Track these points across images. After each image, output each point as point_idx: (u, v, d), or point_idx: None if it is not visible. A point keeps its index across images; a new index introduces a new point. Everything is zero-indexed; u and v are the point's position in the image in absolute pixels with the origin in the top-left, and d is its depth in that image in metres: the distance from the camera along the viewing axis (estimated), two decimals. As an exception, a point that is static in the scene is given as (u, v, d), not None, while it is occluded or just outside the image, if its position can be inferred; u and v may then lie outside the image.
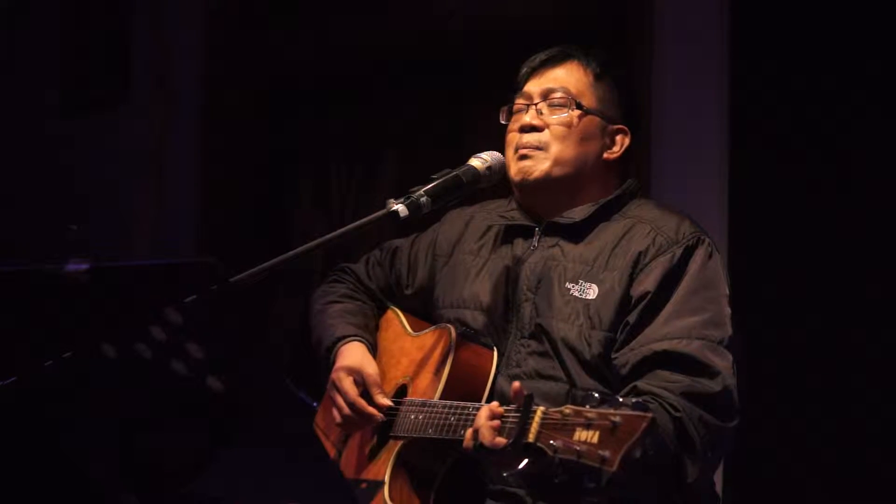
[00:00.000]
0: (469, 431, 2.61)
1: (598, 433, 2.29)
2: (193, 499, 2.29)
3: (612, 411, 2.30)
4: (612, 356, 2.78)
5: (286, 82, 5.20)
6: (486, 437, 2.54)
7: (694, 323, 2.76)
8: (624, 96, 3.00)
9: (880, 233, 3.80)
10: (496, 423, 2.54)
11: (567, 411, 2.35)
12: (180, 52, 5.27)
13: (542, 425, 2.38)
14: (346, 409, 2.91)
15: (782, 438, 3.84)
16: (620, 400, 2.31)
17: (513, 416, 2.50)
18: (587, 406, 2.33)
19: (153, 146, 5.27)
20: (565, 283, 2.85)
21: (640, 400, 2.32)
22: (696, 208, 3.81)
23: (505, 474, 2.50)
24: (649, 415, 2.28)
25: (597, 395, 2.34)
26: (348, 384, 2.93)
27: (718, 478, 3.09)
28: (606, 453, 2.26)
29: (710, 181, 4.05)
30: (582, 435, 2.30)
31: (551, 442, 2.34)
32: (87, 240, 4.81)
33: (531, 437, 2.37)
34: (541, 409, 2.40)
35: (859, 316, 3.80)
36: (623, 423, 2.27)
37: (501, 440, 2.51)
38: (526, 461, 2.40)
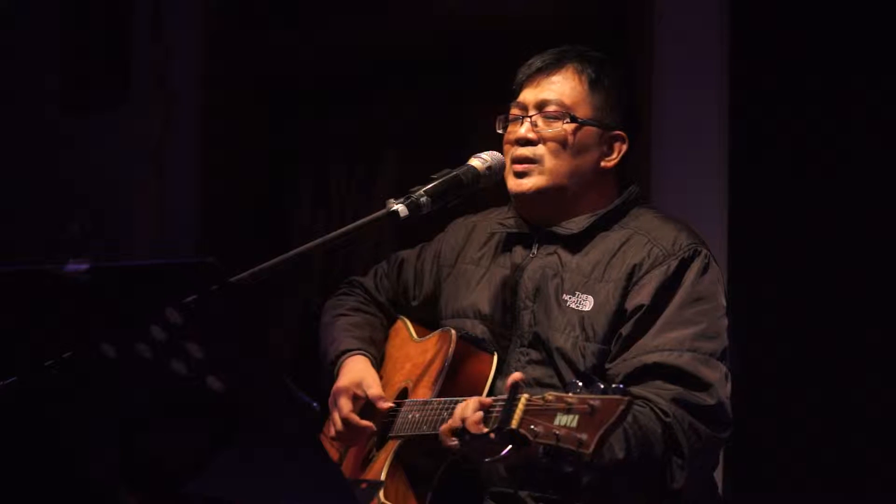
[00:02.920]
0: (450, 420, 2.61)
1: (577, 417, 2.31)
2: (193, 499, 2.29)
3: (591, 396, 2.32)
4: (606, 367, 2.79)
5: (286, 82, 5.20)
6: (470, 424, 2.54)
7: (685, 335, 2.75)
8: (621, 99, 2.97)
9: (880, 232, 3.80)
10: (482, 409, 2.55)
11: (549, 397, 2.37)
12: (180, 52, 5.27)
13: (525, 412, 2.39)
14: (340, 426, 2.93)
15: (782, 438, 3.85)
16: (601, 386, 2.32)
17: (499, 405, 2.51)
18: (570, 392, 2.35)
19: (153, 146, 5.27)
20: (563, 295, 2.86)
21: (622, 386, 2.32)
22: (696, 208, 3.82)
23: (487, 460, 2.51)
24: (626, 398, 2.29)
25: (580, 382, 2.36)
26: (343, 401, 2.94)
27: (719, 478, 3.09)
28: (584, 436, 2.28)
29: (710, 181, 4.05)
30: (562, 420, 2.32)
31: (532, 427, 2.36)
32: (87, 240, 4.81)
33: (514, 424, 2.39)
34: (525, 395, 2.41)
35: (860, 315, 3.81)
36: (601, 406, 2.29)
37: (483, 427, 2.51)
38: (509, 448, 2.42)
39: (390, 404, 2.90)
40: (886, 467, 3.74)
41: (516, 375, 2.51)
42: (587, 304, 2.83)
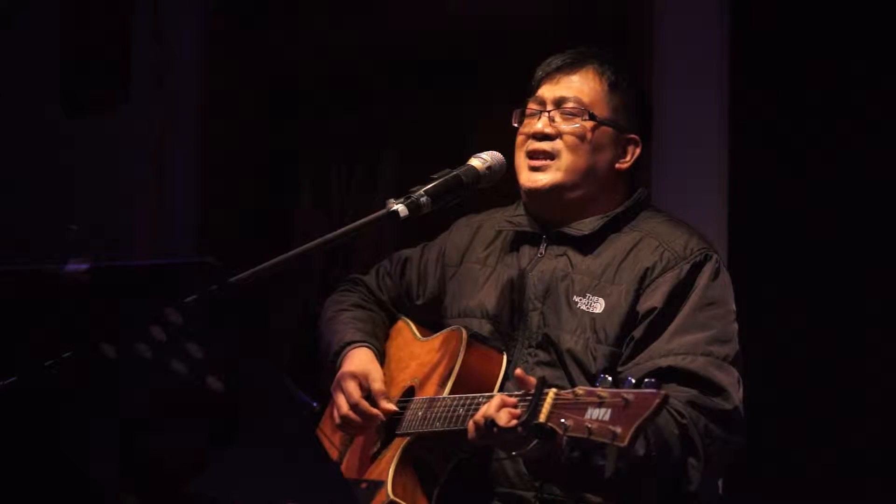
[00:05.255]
0: (478, 415, 2.59)
1: (610, 411, 2.30)
2: (193, 499, 2.29)
3: (624, 390, 2.31)
4: (618, 370, 2.78)
5: (286, 82, 5.20)
6: (501, 418, 2.52)
7: (699, 339, 2.75)
8: (638, 104, 2.98)
9: (880, 232, 3.80)
10: (510, 401, 2.55)
11: (580, 392, 2.37)
12: (180, 52, 5.27)
13: (553, 405, 2.39)
14: (348, 411, 2.91)
15: (782, 438, 3.84)
16: (633, 381, 2.32)
17: (525, 402, 2.50)
18: (599, 387, 2.35)
19: (153, 146, 5.27)
20: (573, 297, 2.86)
21: (654, 380, 2.32)
22: (696, 208, 3.82)
23: (514, 453, 2.51)
24: (662, 392, 2.29)
25: (609, 377, 2.36)
26: (352, 387, 2.92)
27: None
28: (618, 429, 2.27)
29: (710, 181, 4.05)
30: (594, 413, 2.32)
31: (562, 421, 2.35)
32: (87, 240, 4.81)
33: (542, 418, 2.38)
34: (553, 390, 2.41)
35: (859, 315, 3.81)
36: (635, 399, 2.29)
37: (513, 420, 2.50)
38: (535, 442, 2.41)
39: (393, 407, 2.90)
40: (886, 467, 3.74)
41: (518, 372, 2.54)
42: (598, 306, 2.83)
